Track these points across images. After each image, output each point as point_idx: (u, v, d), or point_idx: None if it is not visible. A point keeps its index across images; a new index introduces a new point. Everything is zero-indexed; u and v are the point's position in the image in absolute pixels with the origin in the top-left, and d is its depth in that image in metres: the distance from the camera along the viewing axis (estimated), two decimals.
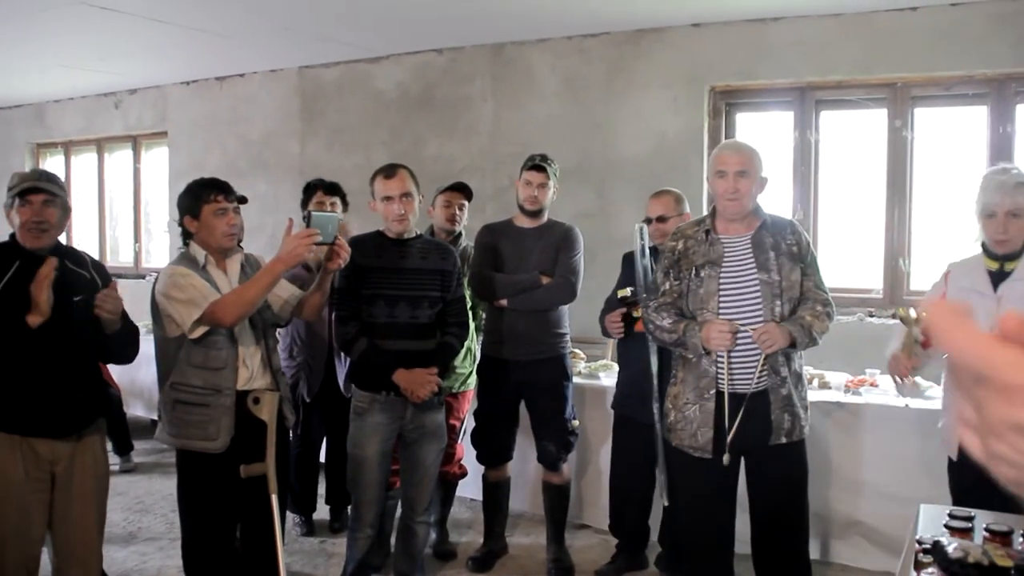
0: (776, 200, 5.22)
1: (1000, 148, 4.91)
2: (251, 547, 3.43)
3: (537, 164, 4.18)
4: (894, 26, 5.05)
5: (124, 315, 3.20)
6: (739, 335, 3.14)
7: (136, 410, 6.31)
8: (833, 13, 5.16)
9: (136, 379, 6.10)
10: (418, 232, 3.83)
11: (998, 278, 3.17)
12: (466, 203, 4.59)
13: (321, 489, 4.94)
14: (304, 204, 4.66)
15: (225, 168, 7.19)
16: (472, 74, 6.47)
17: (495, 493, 4.41)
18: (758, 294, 3.22)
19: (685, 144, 5.65)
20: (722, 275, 3.25)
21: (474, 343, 4.46)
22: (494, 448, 4.32)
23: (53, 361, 3.01)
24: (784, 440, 3.21)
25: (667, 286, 3.36)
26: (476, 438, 4.35)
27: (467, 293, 4.13)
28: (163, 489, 5.29)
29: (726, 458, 3.19)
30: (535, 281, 4.12)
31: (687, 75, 5.67)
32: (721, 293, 3.23)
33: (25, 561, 3.09)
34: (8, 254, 3.05)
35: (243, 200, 3.48)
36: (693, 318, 3.26)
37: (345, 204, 4.72)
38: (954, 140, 5.19)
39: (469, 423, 4.46)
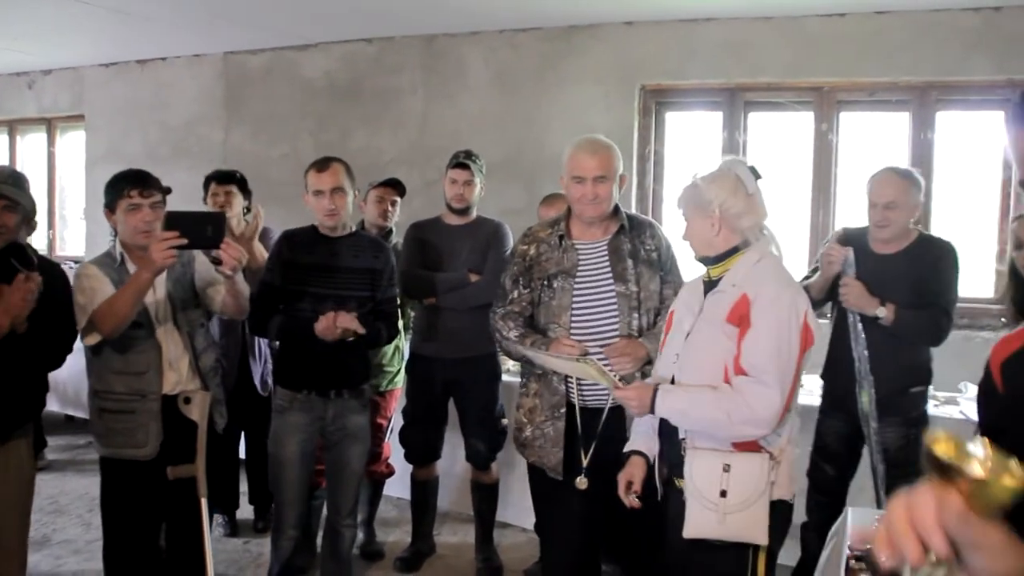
0: None
1: (920, 154, 5.03)
2: (176, 549, 3.35)
3: (461, 162, 4.15)
4: (823, 31, 5.13)
5: (45, 316, 3.01)
6: (592, 353, 2.92)
7: (51, 405, 6.07)
8: (764, 16, 5.22)
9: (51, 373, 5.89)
10: (353, 228, 3.75)
11: (709, 289, 2.61)
12: (398, 199, 4.54)
13: (244, 487, 4.85)
14: (204, 198, 4.54)
15: (145, 155, 6.98)
16: (402, 65, 6.38)
17: (423, 492, 4.38)
18: (614, 306, 3.04)
19: (614, 141, 5.59)
20: (576, 287, 3.06)
21: (402, 341, 4.41)
22: (422, 447, 4.29)
23: None
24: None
25: (515, 294, 3.16)
26: (404, 437, 4.31)
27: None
28: (78, 488, 5.14)
29: (582, 481, 2.96)
30: (464, 279, 4.09)
31: (618, 73, 5.68)
32: (574, 307, 3.05)
33: None
34: None
35: (167, 192, 3.37)
36: (543, 330, 3.08)
37: (246, 193, 4.57)
38: (877, 145, 5.30)
39: (396, 422, 4.41)
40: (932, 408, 3.78)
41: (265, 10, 5.75)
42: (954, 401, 4.12)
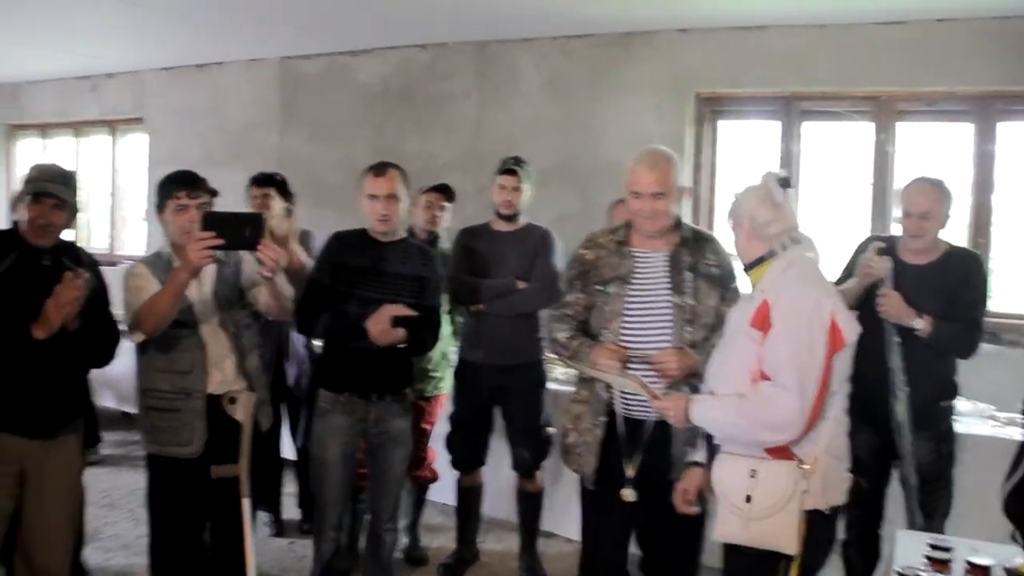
0: None
1: (983, 166, 4.91)
2: (220, 548, 3.38)
3: (509, 168, 4.14)
4: (880, 39, 5.03)
5: (92, 315, 3.07)
6: (637, 360, 2.91)
7: (106, 401, 6.20)
8: (819, 24, 5.13)
9: (106, 369, 5.99)
10: (403, 235, 3.76)
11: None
12: (448, 205, 4.55)
13: (292, 488, 4.90)
14: (247, 200, 4.58)
15: (203, 158, 7.10)
16: (455, 71, 6.41)
17: (468, 499, 4.37)
18: (668, 317, 2.96)
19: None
20: (630, 293, 3.00)
21: (449, 347, 4.41)
22: (468, 453, 4.28)
23: (33, 359, 2.94)
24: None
25: (572, 297, 3.12)
26: (450, 443, 4.31)
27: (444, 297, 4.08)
28: (130, 484, 5.21)
29: (629, 494, 2.94)
30: (511, 286, 4.08)
31: (672, 80, 5.64)
32: (626, 314, 2.98)
33: None
34: (7, 244, 3.02)
35: (214, 194, 3.41)
36: (595, 335, 3.03)
37: (287, 196, 4.59)
38: (937, 155, 5.19)
39: (442, 428, 4.41)
40: (962, 426, 3.77)
41: (320, 16, 5.80)
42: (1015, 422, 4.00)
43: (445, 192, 4.53)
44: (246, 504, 3.18)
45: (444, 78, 6.45)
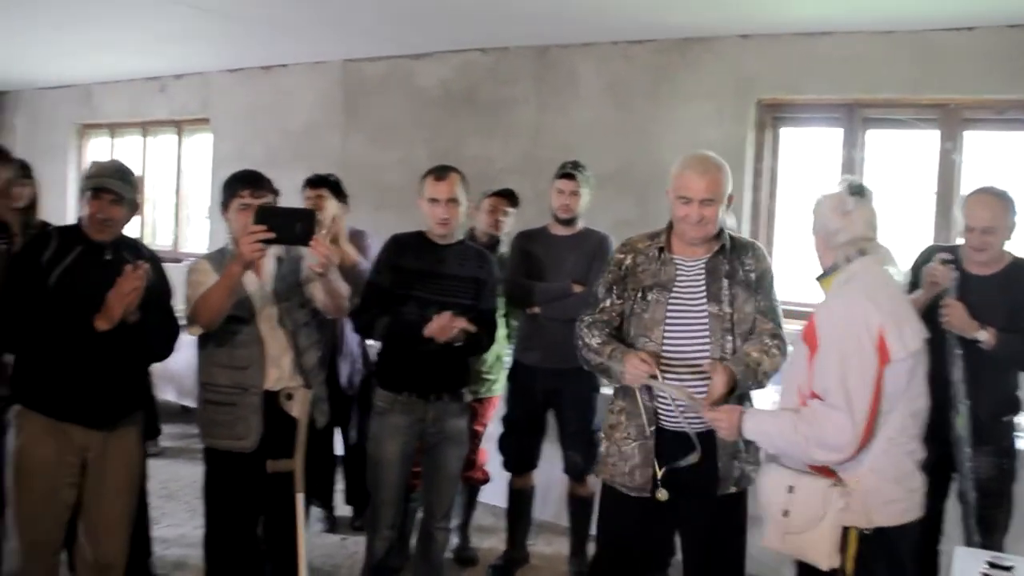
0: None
1: None
2: (273, 542, 3.44)
3: (567, 172, 4.16)
4: (948, 45, 4.93)
5: (152, 309, 3.15)
6: (677, 367, 2.84)
7: (166, 395, 6.33)
8: (884, 30, 5.05)
9: (168, 364, 6.12)
10: (460, 238, 3.79)
11: None
12: (511, 210, 4.58)
13: (342, 485, 4.96)
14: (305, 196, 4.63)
15: (266, 158, 7.20)
16: (515, 75, 6.43)
17: (519, 501, 4.39)
18: (706, 327, 2.89)
19: (727, 156, 5.46)
20: (671, 301, 2.92)
21: (504, 349, 4.43)
22: (520, 455, 4.30)
23: (96, 351, 3.03)
24: (733, 489, 2.93)
25: (608, 303, 3.03)
26: (503, 444, 4.33)
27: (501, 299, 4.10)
28: (188, 476, 5.32)
29: (662, 493, 2.88)
30: (566, 289, 4.09)
31: (733, 86, 5.59)
32: (668, 322, 2.90)
33: (50, 537, 3.15)
34: (72, 239, 3.11)
35: (277, 194, 3.47)
36: (631, 344, 2.93)
37: (341, 197, 4.63)
38: (1005, 165, 5.07)
39: (494, 429, 4.43)
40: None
41: (383, 19, 5.87)
42: None
43: (509, 197, 4.57)
44: (300, 499, 3.23)
45: (504, 82, 6.48)
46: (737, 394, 2.83)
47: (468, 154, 6.39)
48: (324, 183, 4.58)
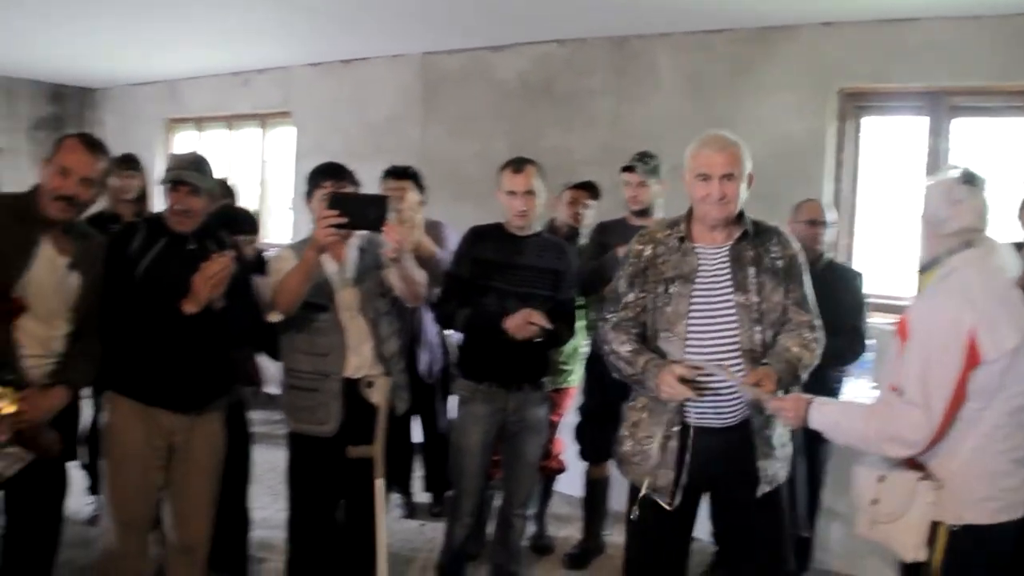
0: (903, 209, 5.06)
1: None
2: (353, 526, 3.52)
3: (628, 165, 4.16)
4: None
5: (236, 296, 3.24)
6: (706, 373, 2.68)
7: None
8: (972, 15, 4.92)
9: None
10: (539, 229, 3.83)
11: None
12: (592, 202, 4.59)
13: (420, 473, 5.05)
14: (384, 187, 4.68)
15: (346, 151, 7.30)
16: (593, 67, 6.43)
17: (595, 491, 4.42)
18: (734, 317, 2.74)
19: (808, 147, 5.49)
20: (694, 293, 2.77)
21: (582, 341, 4.45)
22: (597, 445, 4.31)
23: (183, 339, 3.14)
24: (768, 489, 2.81)
25: (631, 297, 2.88)
26: (579, 434, 4.36)
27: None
28: (272, 460, 5.44)
29: (675, 498, 2.79)
30: None
31: (814, 75, 5.50)
32: (691, 315, 2.75)
33: (142, 517, 3.28)
34: (157, 230, 3.22)
35: (357, 185, 3.55)
36: (654, 337, 2.81)
37: (421, 189, 4.68)
38: None
39: (570, 419, 4.46)
40: None
41: (461, 12, 5.92)
42: None
43: (590, 189, 4.59)
44: (379, 485, 3.30)
45: (582, 73, 6.48)
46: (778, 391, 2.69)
47: (546, 146, 6.42)
48: (405, 175, 4.64)
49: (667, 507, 2.80)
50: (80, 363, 3.09)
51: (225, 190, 4.61)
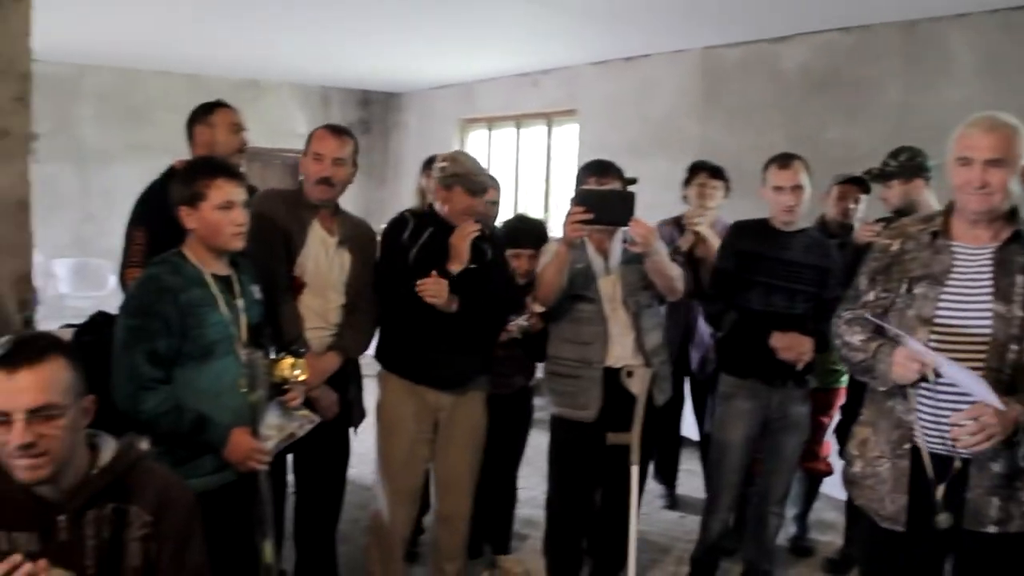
0: None
1: None
2: (608, 510, 3.64)
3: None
4: None
5: (495, 284, 3.47)
6: (941, 378, 2.31)
7: None
8: None
9: None
10: (804, 225, 3.77)
11: None
12: (862, 196, 4.42)
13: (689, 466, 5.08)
14: (686, 183, 4.71)
15: (627, 146, 7.46)
16: (879, 54, 6.13)
17: None
18: (987, 330, 2.35)
19: None
20: (943, 297, 2.41)
21: None
22: None
23: (448, 323, 3.37)
24: (993, 530, 2.39)
25: (871, 295, 2.57)
26: (839, 434, 4.22)
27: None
28: (543, 443, 5.69)
29: (945, 519, 2.38)
30: None
31: None
32: (937, 321, 2.40)
33: (410, 486, 3.57)
34: (426, 221, 3.49)
35: (630, 182, 3.66)
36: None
37: (727, 190, 4.67)
38: None
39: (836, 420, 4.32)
40: None
41: (744, 4, 5.87)
42: None
43: (860, 184, 4.41)
44: (635, 472, 3.39)
45: (868, 61, 6.20)
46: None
47: (828, 138, 6.22)
48: (720, 175, 4.61)
49: (901, 532, 2.51)
50: (352, 333, 3.41)
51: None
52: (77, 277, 8.75)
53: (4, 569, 1.66)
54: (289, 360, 2.85)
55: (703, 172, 4.66)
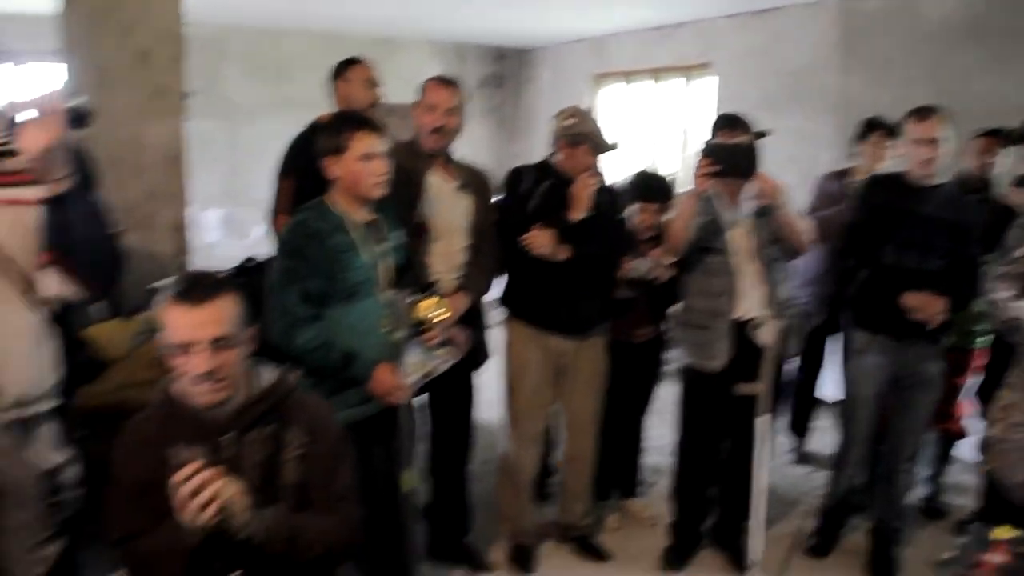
0: None
1: None
2: (735, 461, 3.71)
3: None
4: None
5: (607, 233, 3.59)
6: None
7: None
8: None
9: None
10: (943, 180, 3.67)
11: None
12: (1001, 151, 4.26)
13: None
14: (859, 139, 4.61)
15: (763, 101, 7.32)
16: None
17: None
18: None
19: None
20: None
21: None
22: None
23: (567, 269, 3.51)
24: None
25: (1022, 252, 2.55)
26: (982, 395, 4.13)
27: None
28: (669, 395, 5.74)
29: None
30: None
31: None
32: None
33: (534, 428, 3.74)
34: (544, 174, 3.62)
35: (760, 135, 3.66)
36: None
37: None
38: None
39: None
40: None
41: None
42: None
43: (998, 136, 4.25)
44: (761, 422, 3.43)
45: (1017, 9, 5.88)
46: None
47: (977, 91, 5.96)
48: (894, 132, 4.40)
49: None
50: (478, 273, 3.54)
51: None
52: (225, 226, 9.19)
53: (188, 471, 1.86)
54: (431, 300, 2.99)
55: (879, 130, 4.54)
